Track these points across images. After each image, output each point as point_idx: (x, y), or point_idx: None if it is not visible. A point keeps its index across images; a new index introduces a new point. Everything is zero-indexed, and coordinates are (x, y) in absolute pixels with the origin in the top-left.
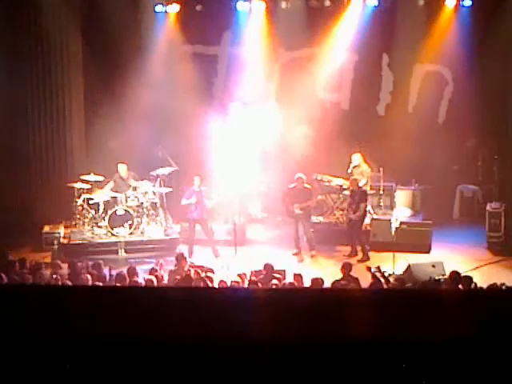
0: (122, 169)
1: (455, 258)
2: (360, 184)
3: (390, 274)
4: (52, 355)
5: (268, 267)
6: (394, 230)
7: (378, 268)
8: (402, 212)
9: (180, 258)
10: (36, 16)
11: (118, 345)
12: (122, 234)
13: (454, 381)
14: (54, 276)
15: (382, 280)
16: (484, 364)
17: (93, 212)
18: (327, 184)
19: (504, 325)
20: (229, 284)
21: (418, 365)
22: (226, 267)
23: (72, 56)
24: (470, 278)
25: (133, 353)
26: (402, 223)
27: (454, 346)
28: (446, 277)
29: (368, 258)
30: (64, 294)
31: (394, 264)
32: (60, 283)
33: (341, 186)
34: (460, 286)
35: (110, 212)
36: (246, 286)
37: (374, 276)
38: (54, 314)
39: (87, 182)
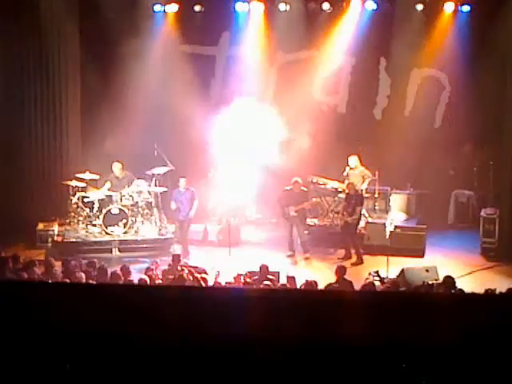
0: (117, 168)
1: (449, 262)
2: (363, 186)
3: (383, 278)
4: (46, 353)
5: (263, 268)
6: (388, 233)
7: (377, 273)
8: (396, 216)
9: (176, 258)
10: (34, 14)
11: (112, 343)
12: (117, 232)
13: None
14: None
15: (378, 284)
16: (478, 368)
17: (87, 210)
18: (322, 187)
19: (498, 329)
20: (223, 285)
21: (413, 368)
22: (217, 269)
23: (69, 55)
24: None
25: (126, 351)
26: (396, 227)
27: (449, 350)
28: (439, 281)
29: (362, 262)
30: (57, 292)
31: (387, 268)
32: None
33: (336, 188)
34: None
35: (104, 211)
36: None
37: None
38: (48, 312)
39: (82, 180)
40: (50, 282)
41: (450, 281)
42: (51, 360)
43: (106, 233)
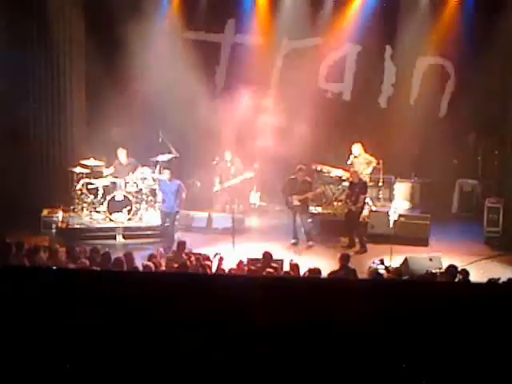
0: (122, 154)
1: (453, 251)
2: (367, 171)
3: (387, 267)
4: (50, 340)
5: (267, 256)
6: (392, 222)
7: (381, 261)
8: (400, 204)
9: (181, 245)
10: (40, 1)
11: (114, 328)
12: (121, 219)
13: (453, 377)
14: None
15: (383, 272)
16: (480, 355)
17: (92, 197)
18: (326, 174)
19: (501, 318)
20: (226, 272)
21: (416, 361)
22: (219, 255)
23: (75, 41)
24: (466, 272)
25: (129, 336)
26: (400, 216)
27: (450, 339)
28: (442, 270)
29: (366, 250)
30: (63, 278)
31: (391, 256)
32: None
33: (340, 177)
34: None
35: (108, 197)
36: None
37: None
38: (53, 298)
39: (87, 166)
40: (54, 267)
41: (453, 270)
42: (56, 343)
43: (110, 219)
